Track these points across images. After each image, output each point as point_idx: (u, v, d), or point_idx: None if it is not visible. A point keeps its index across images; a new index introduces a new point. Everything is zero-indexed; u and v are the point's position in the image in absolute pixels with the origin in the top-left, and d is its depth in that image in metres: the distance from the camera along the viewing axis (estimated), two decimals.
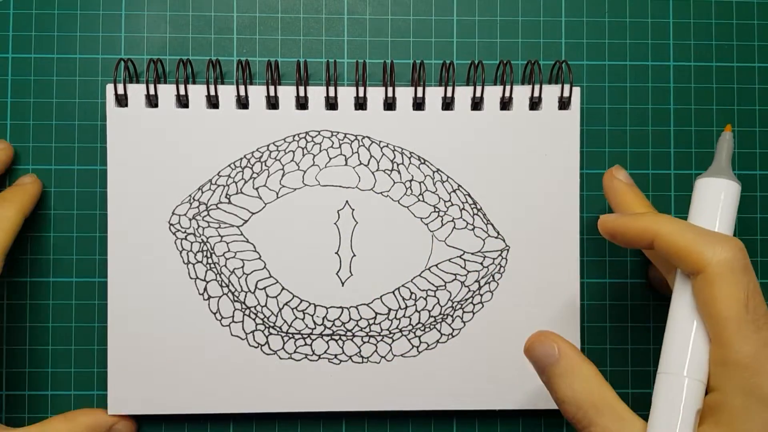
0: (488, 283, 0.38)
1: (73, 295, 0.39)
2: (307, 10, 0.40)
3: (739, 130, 0.41)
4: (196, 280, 0.37)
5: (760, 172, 0.41)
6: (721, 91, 0.41)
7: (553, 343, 0.29)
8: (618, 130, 0.41)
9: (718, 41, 0.41)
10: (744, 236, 0.41)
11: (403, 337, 0.38)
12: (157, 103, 0.37)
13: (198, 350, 0.37)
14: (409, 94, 0.38)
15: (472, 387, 0.38)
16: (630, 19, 0.41)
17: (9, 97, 0.39)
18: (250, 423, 0.39)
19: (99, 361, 0.39)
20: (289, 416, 0.39)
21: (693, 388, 0.27)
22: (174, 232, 0.37)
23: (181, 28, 0.40)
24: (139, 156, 0.37)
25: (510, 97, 0.38)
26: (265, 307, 0.37)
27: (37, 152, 0.39)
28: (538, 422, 0.40)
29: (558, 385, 0.28)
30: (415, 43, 0.40)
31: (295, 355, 0.37)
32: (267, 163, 0.37)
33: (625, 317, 0.40)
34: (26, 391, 0.39)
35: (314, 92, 0.38)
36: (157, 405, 0.37)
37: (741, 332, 0.26)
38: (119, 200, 0.37)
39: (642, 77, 0.41)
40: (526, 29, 0.41)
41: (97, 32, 0.39)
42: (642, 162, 0.41)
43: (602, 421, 0.27)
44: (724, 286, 0.26)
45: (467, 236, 0.38)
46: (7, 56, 0.39)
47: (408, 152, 0.38)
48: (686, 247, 0.27)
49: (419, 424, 0.40)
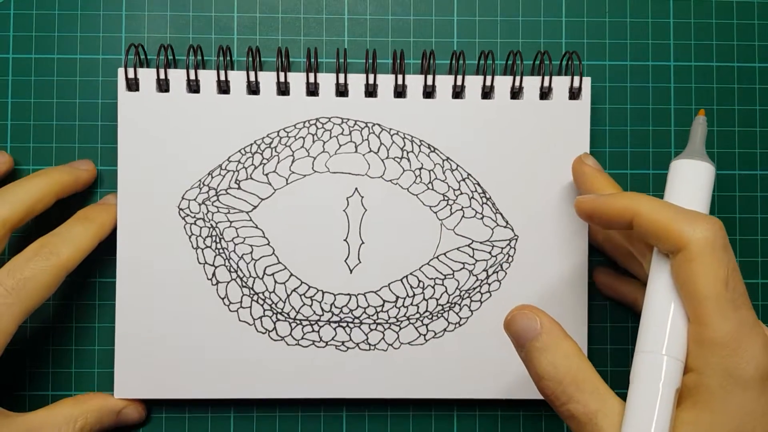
0: (496, 272, 0.38)
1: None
2: (307, 11, 0.40)
3: (740, 130, 0.41)
4: (205, 265, 0.37)
5: (761, 172, 0.41)
6: (722, 91, 0.41)
7: (535, 317, 0.28)
8: (619, 130, 0.41)
9: (719, 41, 0.41)
10: (745, 236, 0.41)
11: (411, 325, 0.38)
12: (167, 87, 0.37)
13: (205, 335, 0.37)
14: (420, 82, 0.38)
15: (478, 376, 0.38)
16: (630, 19, 0.41)
17: (10, 98, 0.39)
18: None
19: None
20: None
21: (671, 366, 0.26)
22: (183, 216, 0.37)
23: (182, 29, 0.40)
24: (149, 140, 0.37)
25: (520, 87, 0.38)
26: (273, 293, 0.37)
27: (37, 153, 0.39)
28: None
29: (538, 360, 0.28)
30: (415, 43, 0.40)
31: (302, 342, 0.37)
32: (277, 149, 0.37)
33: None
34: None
35: (325, 79, 0.38)
36: (164, 390, 0.37)
37: (720, 311, 0.25)
38: (129, 184, 0.37)
39: (643, 77, 0.41)
40: (527, 29, 0.41)
41: (98, 33, 0.39)
42: (644, 162, 0.41)
43: (582, 397, 0.26)
44: (704, 264, 0.26)
45: (476, 225, 0.38)
46: (8, 56, 0.39)
47: (418, 140, 0.38)
48: (667, 224, 0.27)
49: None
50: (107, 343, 0.39)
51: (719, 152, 0.41)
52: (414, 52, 0.40)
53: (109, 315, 0.39)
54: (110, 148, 0.39)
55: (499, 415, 0.40)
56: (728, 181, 0.41)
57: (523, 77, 0.38)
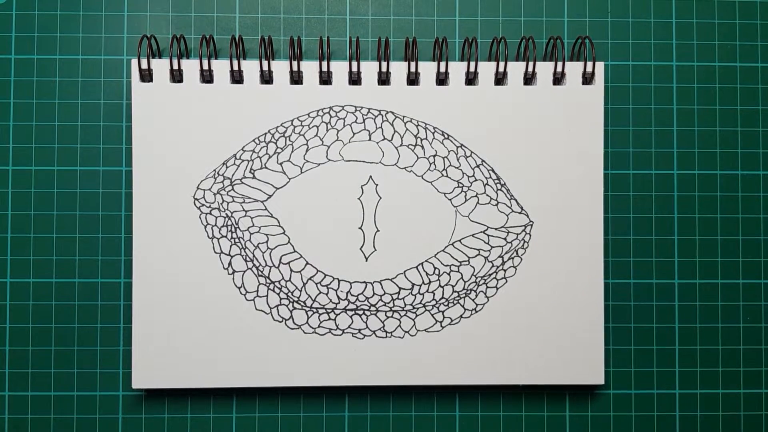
0: (512, 258, 0.38)
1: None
2: (309, 11, 0.40)
3: (743, 131, 0.41)
4: (221, 254, 0.37)
5: (763, 172, 0.41)
6: (724, 91, 0.41)
7: None
8: (620, 130, 0.40)
9: (721, 41, 0.41)
10: (746, 236, 0.41)
11: (427, 312, 0.38)
12: (181, 78, 0.37)
13: (222, 325, 0.37)
14: (432, 69, 0.38)
15: (495, 362, 0.38)
16: (632, 19, 0.41)
17: (12, 98, 0.39)
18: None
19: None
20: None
21: None
22: (199, 206, 0.37)
23: (184, 29, 0.40)
24: (163, 131, 0.37)
25: (533, 72, 0.38)
26: (289, 282, 0.37)
27: (39, 153, 0.39)
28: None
29: None
30: (419, 43, 0.40)
31: (319, 330, 0.37)
32: (291, 138, 0.37)
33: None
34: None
35: (338, 67, 0.38)
36: (182, 379, 0.37)
37: None
38: (144, 175, 0.37)
39: (645, 77, 0.40)
40: (528, 29, 0.40)
41: (100, 33, 0.39)
42: (645, 162, 0.41)
43: None
44: None
45: (491, 211, 0.38)
46: (10, 57, 0.39)
47: (432, 127, 0.38)
48: None
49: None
50: (111, 344, 0.39)
51: (721, 152, 0.41)
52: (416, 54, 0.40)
53: (111, 316, 0.39)
54: (111, 148, 0.39)
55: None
56: (731, 182, 0.41)
57: (537, 62, 0.38)
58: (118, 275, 0.39)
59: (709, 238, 0.40)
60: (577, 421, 0.40)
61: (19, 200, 0.39)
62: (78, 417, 0.39)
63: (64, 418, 0.39)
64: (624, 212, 0.40)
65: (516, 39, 0.40)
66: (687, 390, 0.40)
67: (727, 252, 0.40)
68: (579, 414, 0.40)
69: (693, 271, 0.40)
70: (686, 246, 0.40)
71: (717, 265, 0.40)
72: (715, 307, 0.40)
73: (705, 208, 0.40)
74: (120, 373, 0.39)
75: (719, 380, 0.40)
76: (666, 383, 0.40)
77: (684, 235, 0.40)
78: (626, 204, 0.40)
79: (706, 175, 0.41)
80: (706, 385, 0.40)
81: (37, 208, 0.39)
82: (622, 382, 0.40)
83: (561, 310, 0.38)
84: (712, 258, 0.40)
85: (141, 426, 0.39)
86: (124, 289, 0.39)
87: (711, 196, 0.40)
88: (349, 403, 0.39)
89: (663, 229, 0.40)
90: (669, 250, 0.40)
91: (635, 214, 0.40)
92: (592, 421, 0.40)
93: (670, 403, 0.40)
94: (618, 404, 0.40)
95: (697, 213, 0.40)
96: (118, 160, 0.39)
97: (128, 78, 0.39)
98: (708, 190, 0.40)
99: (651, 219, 0.40)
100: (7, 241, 0.39)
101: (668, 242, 0.40)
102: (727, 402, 0.40)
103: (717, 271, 0.40)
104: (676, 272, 0.40)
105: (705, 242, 0.40)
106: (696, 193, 0.40)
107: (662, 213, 0.40)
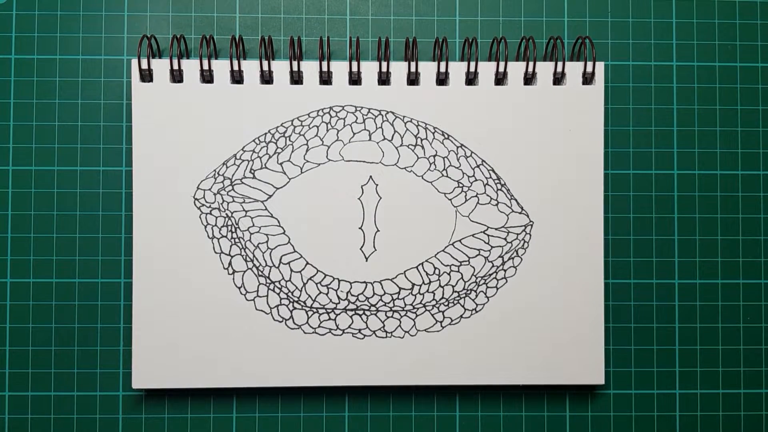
0: (512, 258, 0.38)
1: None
2: (309, 11, 0.40)
3: (743, 131, 0.41)
4: (221, 254, 0.37)
5: (763, 172, 0.41)
6: (724, 91, 0.41)
7: None
8: (620, 130, 0.40)
9: (721, 41, 0.41)
10: (746, 236, 0.41)
11: (427, 312, 0.38)
12: (181, 78, 0.37)
13: (222, 324, 0.37)
14: (433, 69, 0.38)
15: (495, 362, 0.38)
16: (632, 19, 0.41)
17: (12, 98, 0.39)
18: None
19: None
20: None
21: None
22: (199, 206, 0.37)
23: (184, 29, 0.40)
24: (163, 131, 0.37)
25: (534, 72, 0.38)
26: (289, 282, 0.37)
27: (39, 153, 0.39)
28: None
29: None
30: (419, 43, 0.40)
31: (319, 330, 0.37)
32: (291, 138, 0.37)
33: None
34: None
35: (338, 67, 0.38)
36: (182, 379, 0.37)
37: None
38: (144, 175, 0.37)
39: (645, 77, 0.41)
40: (528, 30, 0.41)
41: (100, 33, 0.39)
42: (646, 162, 0.41)
43: None
44: None
45: (491, 211, 0.38)
46: (10, 57, 0.39)
47: (432, 127, 0.38)
48: None
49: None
50: (111, 344, 0.39)
51: (721, 152, 0.41)
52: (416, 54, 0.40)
53: (111, 316, 0.39)
54: (111, 148, 0.39)
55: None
56: (731, 182, 0.41)
57: (537, 62, 0.38)
58: (118, 275, 0.39)
59: (709, 238, 0.40)
60: (578, 421, 0.40)
61: (19, 200, 0.39)
62: (78, 417, 0.39)
63: (64, 418, 0.39)
64: (624, 212, 0.40)
65: (516, 39, 0.40)
66: (687, 390, 0.40)
67: (727, 252, 0.41)
68: (579, 414, 0.40)
69: (693, 271, 0.40)
70: (686, 246, 0.40)
71: (717, 265, 0.40)
72: (715, 307, 0.40)
73: (705, 208, 0.40)
74: (120, 373, 0.39)
75: (719, 380, 0.40)
76: (666, 383, 0.40)
77: (684, 235, 0.40)
78: (626, 204, 0.40)
79: (706, 175, 0.41)
80: (706, 385, 0.40)
81: (37, 208, 0.39)
82: (623, 382, 0.40)
83: (561, 310, 0.38)
84: (712, 258, 0.40)
85: (141, 426, 0.39)
86: (124, 289, 0.39)
87: (711, 196, 0.40)
88: (349, 403, 0.39)
89: (663, 229, 0.40)
90: (669, 250, 0.40)
91: (635, 214, 0.40)
92: (592, 421, 0.40)
93: (670, 403, 0.40)
94: (618, 404, 0.40)
95: (697, 213, 0.40)
96: (118, 160, 0.39)
97: (128, 78, 0.39)
98: (708, 190, 0.41)
99: (651, 219, 0.40)
100: (7, 241, 0.39)
101: (668, 242, 0.40)
102: (727, 402, 0.40)
103: (717, 271, 0.40)
104: (676, 272, 0.40)
105: (705, 242, 0.40)
106: (696, 193, 0.40)
107: (662, 213, 0.40)
